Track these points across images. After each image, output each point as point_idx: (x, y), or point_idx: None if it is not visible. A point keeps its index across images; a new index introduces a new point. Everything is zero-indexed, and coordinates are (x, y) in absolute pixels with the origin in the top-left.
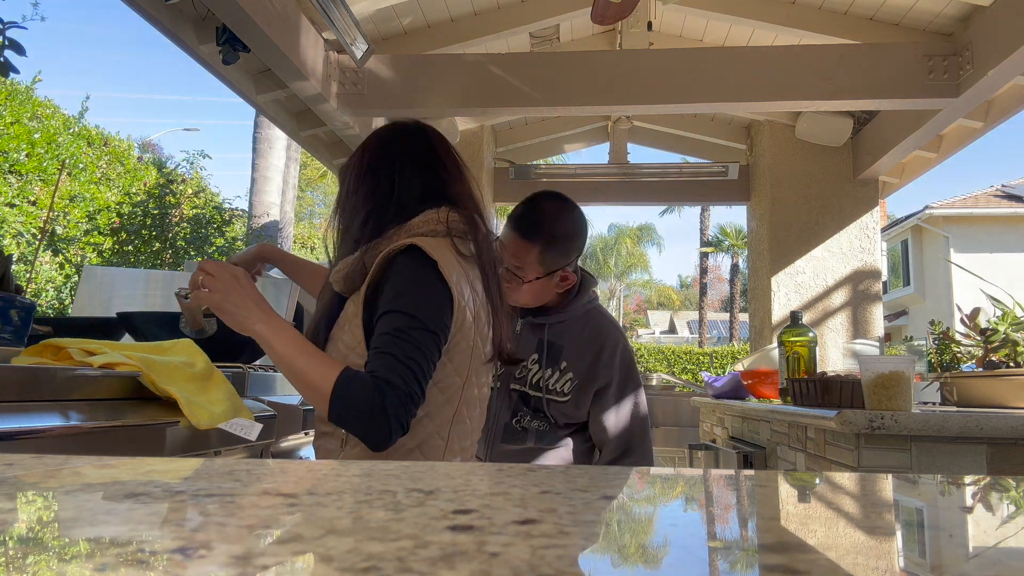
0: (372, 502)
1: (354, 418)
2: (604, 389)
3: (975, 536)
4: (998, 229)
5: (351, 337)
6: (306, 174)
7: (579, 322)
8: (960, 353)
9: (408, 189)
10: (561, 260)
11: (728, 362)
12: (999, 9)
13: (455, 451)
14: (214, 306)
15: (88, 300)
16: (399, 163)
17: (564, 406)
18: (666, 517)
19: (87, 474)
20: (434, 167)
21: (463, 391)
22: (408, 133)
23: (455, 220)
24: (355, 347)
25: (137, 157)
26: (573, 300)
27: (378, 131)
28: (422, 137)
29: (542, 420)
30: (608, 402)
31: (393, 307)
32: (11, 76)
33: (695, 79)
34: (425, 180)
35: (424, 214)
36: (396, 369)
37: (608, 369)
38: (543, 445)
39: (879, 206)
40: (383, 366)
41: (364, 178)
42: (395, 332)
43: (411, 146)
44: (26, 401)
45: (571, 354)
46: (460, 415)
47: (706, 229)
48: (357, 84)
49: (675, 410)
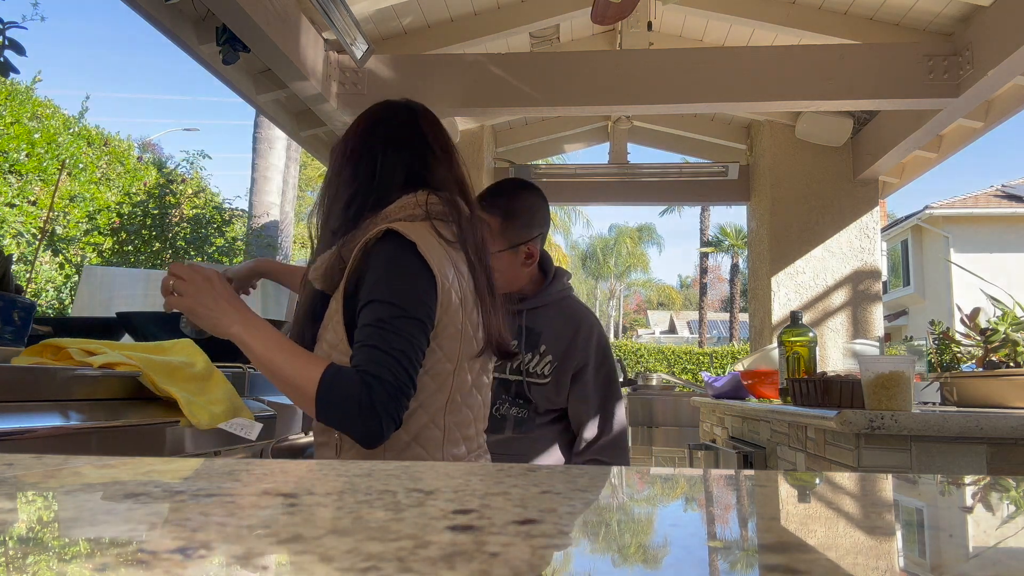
0: (372, 502)
1: (342, 417)
2: (581, 371)
3: (975, 536)
4: (998, 229)
5: (333, 335)
6: (306, 174)
7: (554, 307)
8: (960, 353)
9: (390, 174)
10: (522, 233)
11: (728, 362)
12: (999, 9)
13: (455, 440)
14: (186, 310)
15: (88, 300)
16: (383, 145)
17: (545, 389)
18: (666, 517)
19: (87, 474)
20: (419, 150)
21: (454, 377)
22: (395, 114)
23: (434, 203)
24: (337, 344)
25: (137, 157)
26: (548, 287)
27: (367, 110)
28: (410, 117)
29: (520, 407)
30: (586, 384)
31: (374, 296)
32: (11, 76)
33: (695, 79)
34: (408, 164)
35: (401, 200)
36: (382, 362)
37: (584, 351)
38: (522, 433)
39: (879, 206)
40: (368, 359)
41: (347, 161)
42: (378, 323)
43: (397, 128)
44: (26, 401)
45: (548, 338)
46: (454, 403)
47: (706, 229)
48: (357, 84)
49: (675, 410)
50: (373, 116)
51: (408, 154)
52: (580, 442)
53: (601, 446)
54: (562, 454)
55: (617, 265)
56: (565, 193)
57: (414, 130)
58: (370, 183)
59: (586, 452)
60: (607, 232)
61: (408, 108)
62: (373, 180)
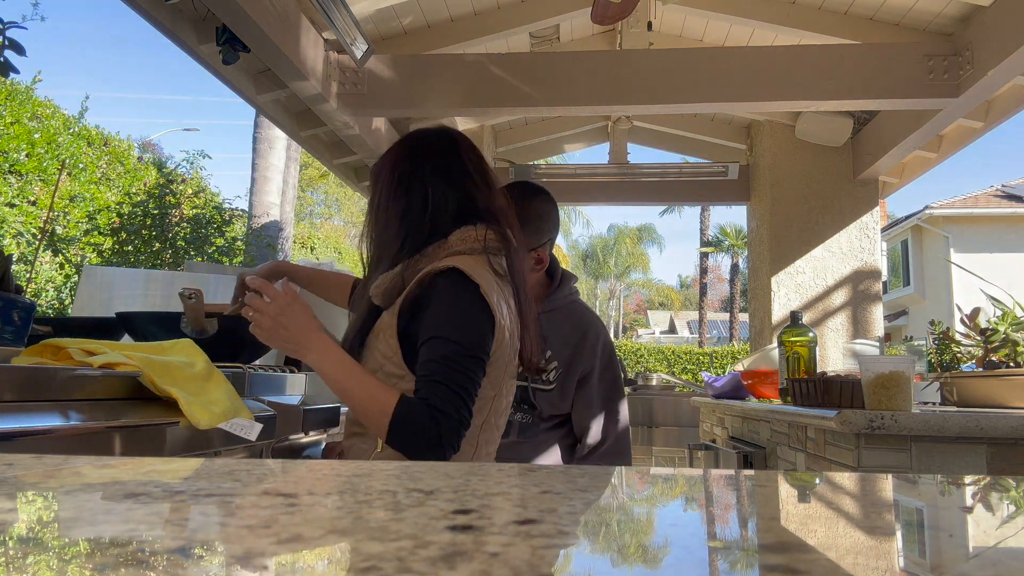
0: (372, 502)
1: (413, 446)
2: (586, 377)
3: (975, 536)
4: (998, 229)
5: (386, 347)
6: (306, 174)
7: (561, 313)
8: (960, 353)
9: (442, 206)
10: (532, 239)
11: (728, 362)
12: (999, 9)
13: (482, 456)
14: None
15: (88, 300)
16: (431, 179)
17: (550, 395)
18: (666, 517)
19: (87, 474)
20: (465, 183)
21: (493, 402)
22: (437, 144)
23: (491, 238)
24: (391, 356)
25: (137, 157)
26: (554, 292)
27: (407, 140)
28: (452, 149)
29: (525, 412)
30: (590, 390)
31: (440, 333)
32: (11, 76)
33: (695, 79)
34: (458, 196)
35: (461, 231)
36: (449, 398)
37: (591, 356)
38: (525, 438)
39: (879, 206)
40: (436, 395)
41: (396, 192)
42: (444, 360)
43: (442, 161)
44: (26, 401)
45: (555, 343)
46: (488, 423)
47: (706, 229)
48: (357, 84)
49: (675, 410)
50: (415, 145)
51: (455, 187)
52: (583, 447)
53: (604, 452)
54: (562, 457)
55: (617, 265)
56: (565, 193)
57: (458, 162)
58: (422, 215)
59: (589, 457)
60: (607, 232)
61: (449, 137)
62: (426, 211)
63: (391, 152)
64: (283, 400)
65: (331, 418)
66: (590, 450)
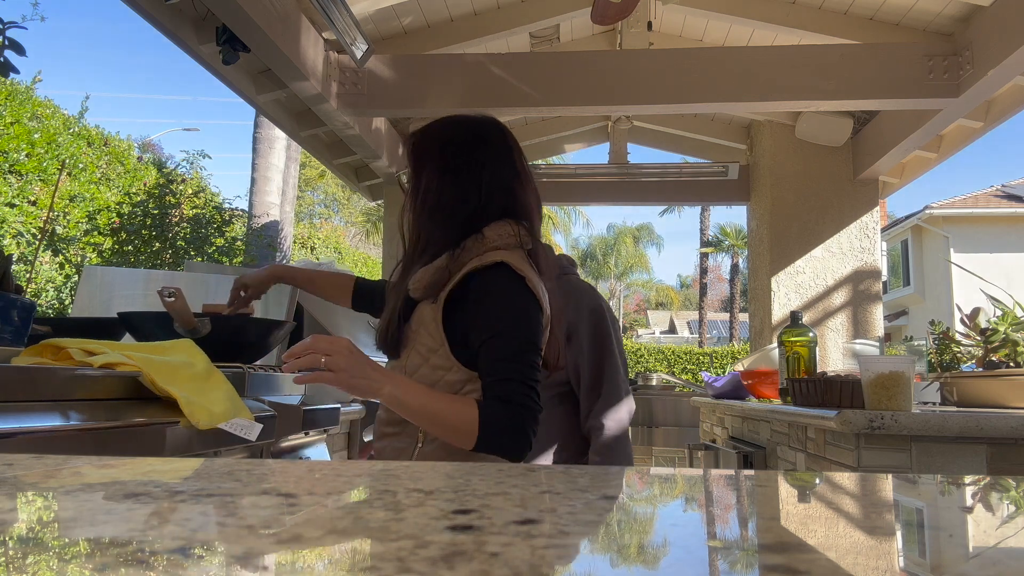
0: (372, 502)
1: (504, 447)
2: (574, 332)
3: (975, 536)
4: (998, 229)
5: (432, 340)
6: (306, 174)
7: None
8: (960, 353)
9: (492, 196)
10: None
11: (728, 362)
12: (999, 9)
13: None
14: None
15: (88, 300)
16: (487, 172)
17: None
18: (666, 517)
19: (87, 474)
20: (513, 181)
21: None
22: (495, 137)
23: (525, 235)
24: (437, 349)
25: (137, 157)
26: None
27: (459, 125)
28: (507, 145)
29: None
30: (580, 341)
31: (500, 331)
32: (11, 76)
33: (695, 79)
34: (505, 193)
35: (497, 226)
36: (525, 392)
37: (575, 314)
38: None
39: (879, 206)
40: (516, 393)
41: (447, 179)
42: (512, 358)
43: (498, 154)
44: (26, 401)
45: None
46: None
47: (706, 229)
48: (357, 84)
49: (675, 410)
50: (471, 132)
51: (507, 181)
52: (584, 413)
53: (603, 444)
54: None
55: (617, 265)
56: (565, 193)
57: (510, 156)
58: (476, 203)
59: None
60: (607, 232)
61: (499, 128)
62: (479, 200)
63: (437, 133)
64: (283, 400)
65: (331, 418)
66: (587, 393)
